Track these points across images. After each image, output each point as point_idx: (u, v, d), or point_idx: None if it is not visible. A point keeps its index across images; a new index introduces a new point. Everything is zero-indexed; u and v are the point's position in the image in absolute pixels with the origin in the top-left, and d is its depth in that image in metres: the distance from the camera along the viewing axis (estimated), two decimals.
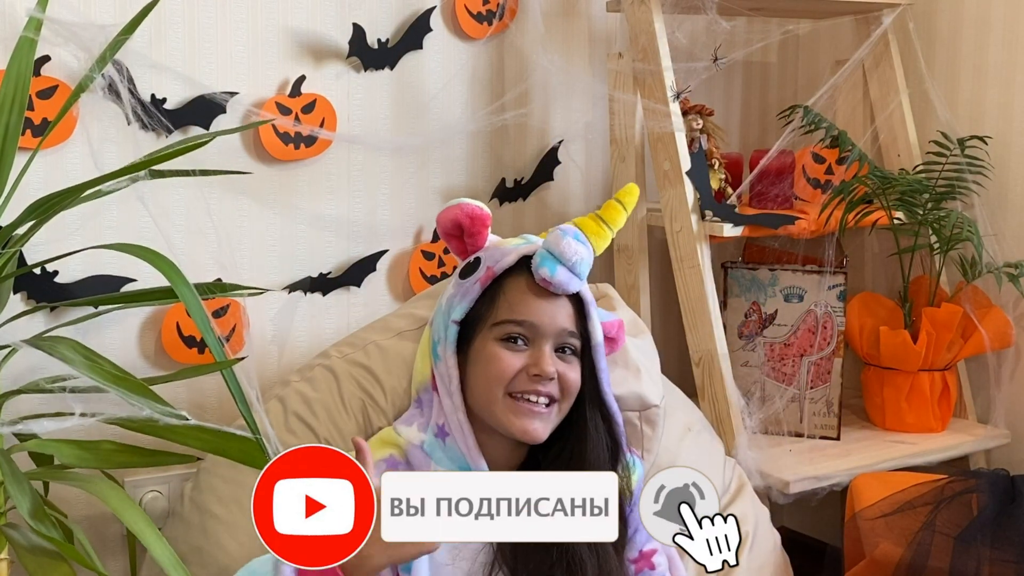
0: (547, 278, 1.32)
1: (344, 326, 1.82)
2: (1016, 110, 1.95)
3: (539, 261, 1.33)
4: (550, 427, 1.34)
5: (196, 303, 1.18)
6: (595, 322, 1.36)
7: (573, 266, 1.32)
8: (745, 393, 1.83)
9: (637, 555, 1.39)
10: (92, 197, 1.35)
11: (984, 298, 1.94)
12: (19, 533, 1.21)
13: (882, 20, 2.00)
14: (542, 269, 1.32)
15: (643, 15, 1.83)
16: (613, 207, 1.43)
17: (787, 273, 1.92)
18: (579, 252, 1.33)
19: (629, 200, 1.44)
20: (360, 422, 1.50)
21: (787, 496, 1.72)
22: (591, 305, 1.36)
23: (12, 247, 1.33)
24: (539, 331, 1.33)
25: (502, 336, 1.33)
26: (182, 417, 1.16)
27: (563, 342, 1.35)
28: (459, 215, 1.40)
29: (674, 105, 1.81)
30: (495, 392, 1.32)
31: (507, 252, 1.36)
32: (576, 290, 1.34)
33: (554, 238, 1.34)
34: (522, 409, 1.32)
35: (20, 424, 1.21)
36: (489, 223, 1.41)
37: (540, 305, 1.33)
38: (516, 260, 1.35)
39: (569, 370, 1.34)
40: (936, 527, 1.55)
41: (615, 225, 1.43)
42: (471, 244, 1.41)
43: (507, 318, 1.33)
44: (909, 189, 1.86)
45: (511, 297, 1.34)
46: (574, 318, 1.35)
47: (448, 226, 1.42)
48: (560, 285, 1.32)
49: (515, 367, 1.32)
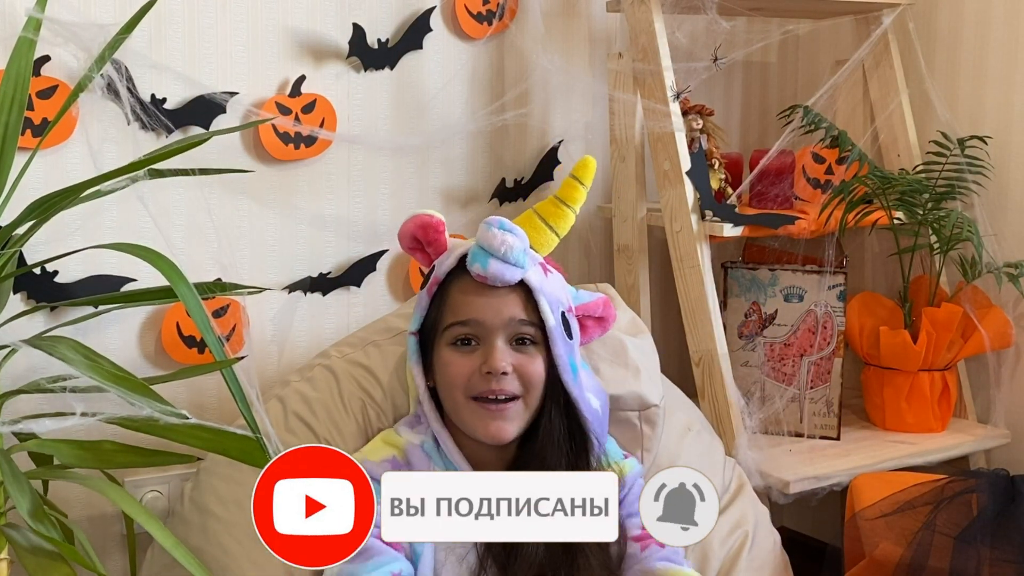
0: (481, 273, 1.32)
1: (344, 326, 1.82)
2: (1016, 110, 1.95)
3: (471, 258, 1.33)
4: (517, 424, 1.33)
5: (196, 303, 1.18)
6: (545, 308, 1.34)
7: (505, 256, 1.31)
8: (745, 393, 1.83)
9: (640, 532, 1.36)
10: (92, 197, 1.35)
11: (984, 298, 1.93)
12: (19, 533, 1.21)
13: (882, 20, 2.00)
14: (474, 265, 1.32)
15: (643, 15, 1.83)
16: (569, 184, 1.43)
17: (787, 273, 1.92)
18: (506, 241, 1.31)
19: (585, 175, 1.44)
20: (360, 422, 1.50)
21: (787, 496, 1.72)
22: (539, 291, 1.34)
23: (12, 247, 1.33)
24: (485, 327, 1.32)
25: (452, 340, 1.34)
26: (182, 416, 1.16)
27: (517, 332, 1.33)
28: (412, 228, 1.42)
29: (674, 105, 1.81)
30: (457, 398, 1.33)
31: (449, 255, 1.37)
32: (516, 279, 1.33)
33: (480, 232, 1.33)
34: (484, 412, 1.32)
35: (20, 424, 1.20)
36: (443, 228, 1.41)
37: (482, 301, 1.33)
38: (456, 262, 1.35)
39: (528, 362, 1.33)
40: (936, 527, 1.55)
41: (574, 203, 1.43)
42: (434, 253, 1.42)
43: (452, 321, 1.34)
44: (909, 189, 1.86)
45: (454, 299, 1.35)
46: (524, 306, 1.34)
47: (407, 242, 1.44)
48: (496, 277, 1.32)
49: (467, 369, 1.32)
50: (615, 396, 1.54)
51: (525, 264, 1.33)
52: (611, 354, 1.57)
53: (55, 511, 1.40)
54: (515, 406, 1.33)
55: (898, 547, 1.53)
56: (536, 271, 1.36)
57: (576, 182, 1.43)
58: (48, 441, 1.31)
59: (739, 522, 1.58)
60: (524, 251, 1.33)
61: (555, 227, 1.41)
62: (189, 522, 1.45)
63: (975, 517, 1.56)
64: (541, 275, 1.36)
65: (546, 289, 1.36)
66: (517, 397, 1.33)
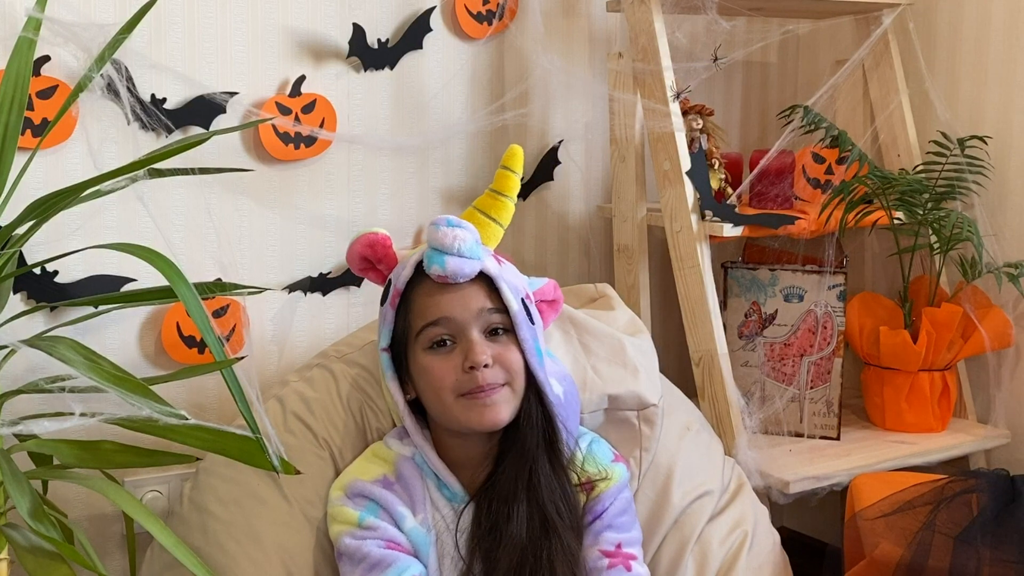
0: (441, 272, 1.33)
1: (344, 326, 1.82)
2: (1016, 110, 1.95)
3: (427, 261, 1.34)
4: (510, 407, 1.34)
5: (196, 303, 1.19)
6: (507, 294, 1.35)
7: (460, 251, 1.33)
8: (745, 393, 1.83)
9: (612, 549, 1.38)
10: (92, 197, 1.35)
11: (984, 298, 1.93)
12: (19, 533, 1.21)
13: (882, 20, 2.00)
14: (433, 268, 1.33)
15: (643, 15, 1.83)
16: (501, 175, 1.45)
17: (787, 273, 1.92)
18: (457, 236, 1.33)
19: (514, 163, 1.45)
20: (359, 422, 1.51)
21: (787, 496, 1.72)
22: (499, 278, 1.35)
23: (12, 247, 1.33)
24: (457, 323, 1.33)
25: (428, 344, 1.35)
26: (182, 416, 1.17)
27: (489, 322, 1.35)
28: (359, 249, 1.43)
29: (674, 105, 1.81)
30: (445, 399, 1.34)
31: (404, 265, 1.38)
32: (476, 271, 1.34)
33: (430, 233, 1.35)
34: (475, 403, 1.32)
35: (20, 424, 1.20)
36: (390, 243, 1.42)
37: (447, 298, 1.34)
38: (413, 271, 1.36)
39: (505, 351, 1.34)
40: (936, 527, 1.55)
41: (509, 192, 1.44)
42: (386, 269, 1.43)
43: (423, 324, 1.34)
44: (909, 189, 1.86)
45: (419, 304, 1.35)
46: (490, 295, 1.35)
47: (357, 264, 1.45)
48: (456, 273, 1.33)
49: (450, 370, 1.33)
50: (614, 395, 1.54)
51: (480, 255, 1.35)
52: (610, 354, 1.57)
53: (55, 511, 1.40)
54: (504, 391, 1.34)
55: (898, 547, 1.53)
56: (491, 261, 1.37)
57: (507, 171, 1.46)
58: (48, 441, 1.31)
59: (739, 522, 1.58)
60: (476, 242, 1.35)
61: (497, 218, 1.44)
62: (189, 522, 1.45)
63: (975, 517, 1.56)
64: (496, 264, 1.38)
65: (505, 276, 1.37)
66: (504, 384, 1.34)
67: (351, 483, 1.38)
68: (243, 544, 1.40)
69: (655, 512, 1.54)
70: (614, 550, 1.37)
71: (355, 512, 1.35)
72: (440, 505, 1.38)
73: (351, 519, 1.35)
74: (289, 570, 1.39)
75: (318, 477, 1.44)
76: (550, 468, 1.35)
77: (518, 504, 1.32)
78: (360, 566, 1.32)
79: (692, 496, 1.56)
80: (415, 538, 1.35)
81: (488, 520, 1.34)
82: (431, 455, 1.38)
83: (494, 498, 1.34)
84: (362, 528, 1.34)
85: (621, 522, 1.40)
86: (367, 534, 1.33)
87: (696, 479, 1.58)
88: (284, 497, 1.42)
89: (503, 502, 1.33)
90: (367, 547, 1.32)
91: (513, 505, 1.32)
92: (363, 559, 1.31)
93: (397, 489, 1.37)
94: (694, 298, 1.81)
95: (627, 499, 1.43)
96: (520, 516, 1.32)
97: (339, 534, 1.36)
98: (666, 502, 1.55)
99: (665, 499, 1.55)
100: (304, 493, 1.43)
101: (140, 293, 1.52)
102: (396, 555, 1.31)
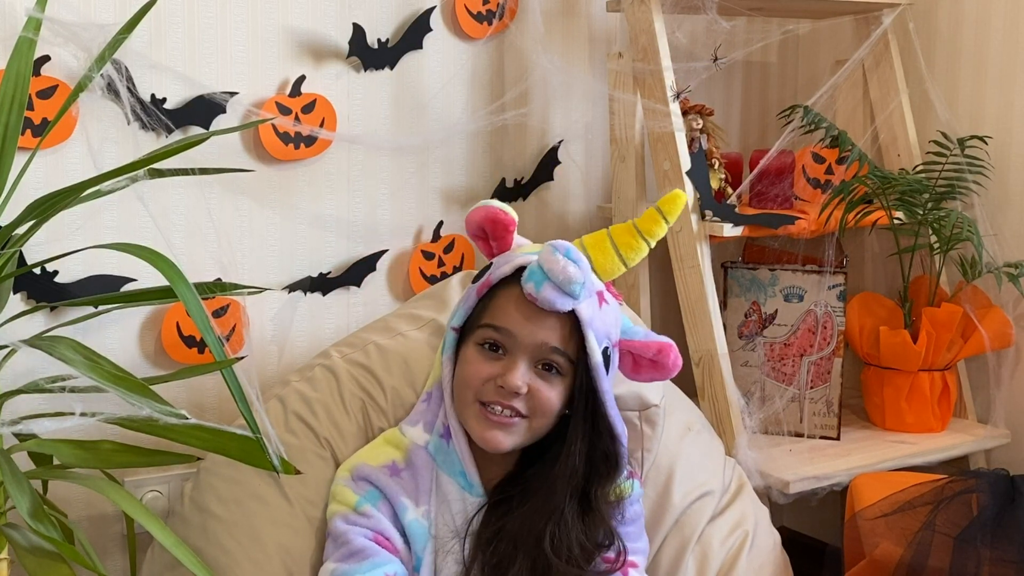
0: (532, 293, 1.29)
1: (344, 326, 1.82)
2: (1016, 110, 1.95)
3: (527, 275, 1.30)
4: (516, 440, 1.33)
5: (196, 303, 1.18)
6: (592, 342, 1.30)
7: (561, 284, 1.27)
8: (745, 393, 1.83)
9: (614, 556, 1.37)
10: (92, 197, 1.35)
11: (984, 298, 1.94)
12: (19, 533, 1.21)
13: (882, 20, 2.00)
14: (528, 284, 1.29)
15: (643, 15, 1.83)
16: (652, 218, 1.38)
17: (787, 273, 1.92)
18: (567, 271, 1.27)
19: (671, 211, 1.37)
20: (360, 422, 1.50)
21: (787, 496, 1.72)
22: (588, 325, 1.30)
23: (12, 247, 1.33)
24: (516, 342, 1.31)
25: (481, 340, 1.33)
26: (182, 416, 1.17)
27: (545, 358, 1.31)
28: (482, 219, 1.39)
29: (674, 105, 1.81)
30: (467, 397, 1.33)
31: (509, 261, 1.34)
32: (567, 309, 1.29)
33: (545, 253, 1.29)
34: (487, 418, 1.31)
35: (20, 424, 1.20)
36: (513, 227, 1.39)
37: (523, 317, 1.30)
38: (512, 271, 1.33)
39: (545, 388, 1.31)
40: (936, 527, 1.55)
41: (652, 237, 1.38)
42: (497, 247, 1.40)
43: (487, 322, 1.32)
44: (909, 189, 1.86)
45: (498, 304, 1.33)
46: (564, 336, 1.31)
47: (474, 228, 1.41)
48: (546, 302, 1.28)
49: (485, 374, 1.31)
50: (615, 396, 1.54)
51: (580, 296, 1.29)
52: None
53: (55, 511, 1.40)
54: (519, 422, 1.32)
55: (898, 547, 1.53)
56: (590, 302, 1.31)
57: (660, 216, 1.37)
58: (48, 441, 1.31)
59: (739, 522, 1.59)
60: (583, 284, 1.28)
61: (625, 257, 1.37)
62: (189, 522, 1.45)
63: (975, 517, 1.56)
64: (595, 307, 1.32)
65: (595, 323, 1.31)
66: (523, 416, 1.32)
67: (358, 466, 1.38)
68: (244, 544, 1.40)
69: (656, 512, 1.54)
70: (615, 556, 1.37)
71: (355, 496, 1.35)
72: (450, 497, 1.36)
73: (349, 501, 1.35)
74: (290, 570, 1.39)
75: (319, 477, 1.44)
76: (578, 510, 1.33)
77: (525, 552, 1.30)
78: (340, 550, 1.31)
79: (693, 496, 1.57)
80: (413, 531, 1.34)
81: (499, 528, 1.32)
82: (461, 439, 1.35)
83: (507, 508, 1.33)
84: (356, 513, 1.33)
85: (627, 532, 1.40)
86: (359, 520, 1.33)
87: (697, 479, 1.58)
88: (285, 497, 1.42)
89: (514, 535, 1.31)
90: (352, 534, 1.31)
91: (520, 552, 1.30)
92: (344, 544, 1.31)
93: (404, 476, 1.36)
94: (694, 298, 1.81)
95: (637, 512, 1.43)
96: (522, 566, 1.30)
97: (333, 514, 1.35)
98: (667, 502, 1.55)
99: (666, 499, 1.55)
100: (305, 493, 1.43)
101: (140, 293, 1.52)
102: (377, 549, 1.30)
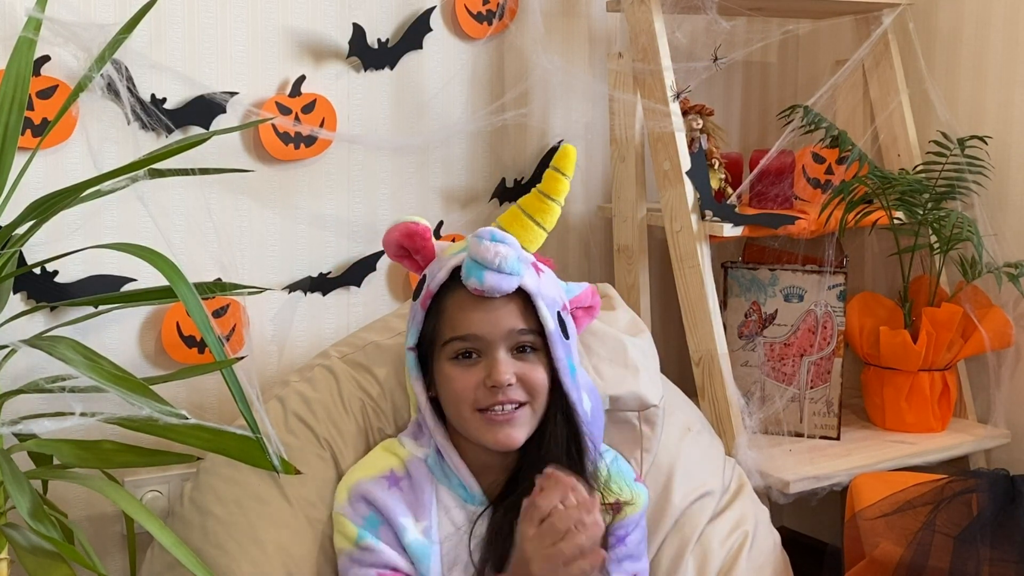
0: (478, 287, 1.29)
1: (344, 326, 1.82)
2: (1016, 110, 1.95)
3: (466, 273, 1.30)
4: (526, 429, 1.33)
5: (196, 303, 1.18)
6: (544, 312, 1.32)
7: (500, 267, 1.28)
8: (745, 393, 1.83)
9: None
10: (92, 197, 1.35)
11: (984, 298, 1.93)
12: (19, 533, 1.21)
13: (882, 20, 2.00)
14: (470, 280, 1.30)
15: (643, 15, 1.83)
16: (552, 176, 1.41)
17: (787, 273, 1.92)
18: (499, 252, 1.29)
19: (566, 165, 1.41)
20: (360, 422, 1.50)
21: (787, 496, 1.72)
22: (536, 295, 1.32)
23: (12, 247, 1.33)
24: (486, 341, 1.31)
25: (452, 355, 1.33)
26: (182, 416, 1.16)
27: (517, 342, 1.32)
28: (399, 237, 1.41)
29: (674, 105, 1.81)
30: (463, 411, 1.32)
31: (441, 266, 1.35)
32: (513, 287, 1.31)
33: (472, 245, 1.30)
34: (492, 421, 1.31)
35: (20, 424, 1.20)
36: (429, 235, 1.40)
37: (480, 315, 1.31)
38: (449, 274, 1.33)
39: (530, 370, 1.32)
40: (936, 527, 1.55)
41: (558, 195, 1.41)
42: (422, 259, 1.41)
43: (451, 336, 1.32)
44: (909, 189, 1.86)
45: (451, 314, 1.33)
46: (522, 313, 1.32)
47: (393, 250, 1.43)
48: (494, 289, 1.29)
49: (472, 384, 1.31)
50: (615, 396, 1.54)
51: (520, 271, 1.31)
52: (611, 354, 1.57)
53: (55, 511, 1.40)
54: (523, 412, 1.32)
55: (898, 547, 1.53)
56: (530, 274, 1.34)
57: (558, 173, 1.41)
58: (48, 441, 1.31)
59: (739, 522, 1.58)
60: (517, 259, 1.31)
61: (542, 222, 1.40)
62: (189, 522, 1.45)
63: (975, 517, 1.56)
64: (535, 277, 1.35)
65: (543, 292, 1.34)
66: (524, 403, 1.32)
67: (355, 485, 1.37)
68: (244, 545, 1.39)
69: (656, 513, 1.54)
70: None
71: (354, 528, 1.33)
72: (452, 509, 1.36)
73: (350, 535, 1.34)
74: (290, 571, 1.39)
75: (319, 478, 1.44)
76: None
77: None
78: None
79: (693, 496, 1.57)
80: (415, 551, 1.33)
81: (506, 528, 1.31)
82: (452, 455, 1.36)
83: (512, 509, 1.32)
84: (360, 549, 1.33)
85: (640, 551, 1.41)
86: (363, 557, 1.32)
87: (697, 479, 1.58)
88: (285, 498, 1.42)
89: None
90: (360, 574, 1.32)
91: None
92: None
93: (404, 487, 1.36)
94: (694, 298, 1.81)
95: (644, 526, 1.44)
96: None
97: (340, 551, 1.35)
98: (667, 502, 1.55)
99: (666, 499, 1.55)
100: (305, 494, 1.43)
101: (140, 293, 1.52)
102: None
